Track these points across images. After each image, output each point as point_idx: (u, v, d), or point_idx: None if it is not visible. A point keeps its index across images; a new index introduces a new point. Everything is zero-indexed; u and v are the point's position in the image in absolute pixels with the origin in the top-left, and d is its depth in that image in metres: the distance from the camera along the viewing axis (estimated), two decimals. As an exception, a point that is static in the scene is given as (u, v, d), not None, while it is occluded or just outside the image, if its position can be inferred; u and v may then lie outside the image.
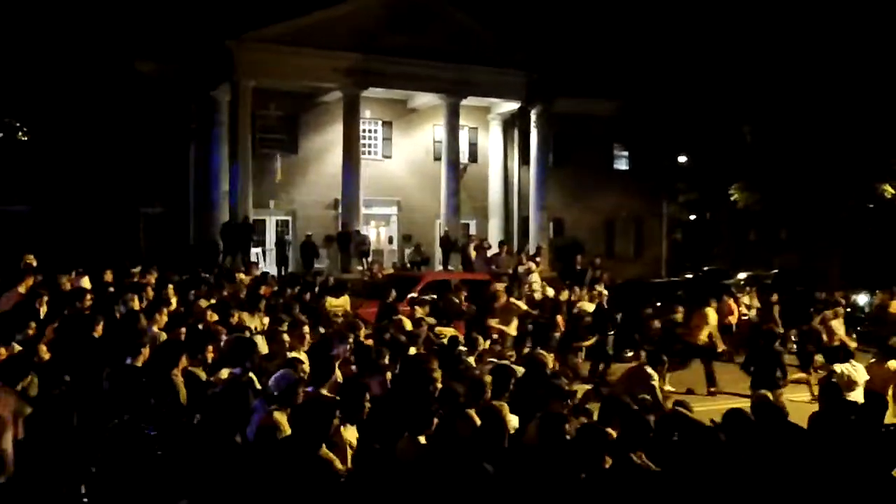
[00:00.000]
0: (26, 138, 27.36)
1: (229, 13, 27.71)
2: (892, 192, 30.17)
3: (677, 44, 33.67)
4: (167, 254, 24.36)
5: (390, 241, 32.66)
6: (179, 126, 28.48)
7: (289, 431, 6.24)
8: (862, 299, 25.60)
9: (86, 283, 14.67)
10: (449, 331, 12.27)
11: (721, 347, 17.63)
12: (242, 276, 18.39)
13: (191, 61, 28.10)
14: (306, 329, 9.99)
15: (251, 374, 7.92)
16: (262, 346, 9.63)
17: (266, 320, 12.11)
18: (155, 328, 10.17)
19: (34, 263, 14.94)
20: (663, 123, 34.37)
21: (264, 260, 29.16)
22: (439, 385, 7.52)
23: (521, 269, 23.01)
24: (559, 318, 17.87)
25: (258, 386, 7.46)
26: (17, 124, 27.24)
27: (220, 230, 27.07)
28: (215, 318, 11.33)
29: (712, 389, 16.11)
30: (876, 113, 27.97)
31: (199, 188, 29.52)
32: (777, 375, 12.69)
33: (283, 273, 26.46)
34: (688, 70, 33.15)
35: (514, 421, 6.84)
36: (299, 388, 6.96)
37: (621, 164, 37.49)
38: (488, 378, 7.67)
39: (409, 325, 11.67)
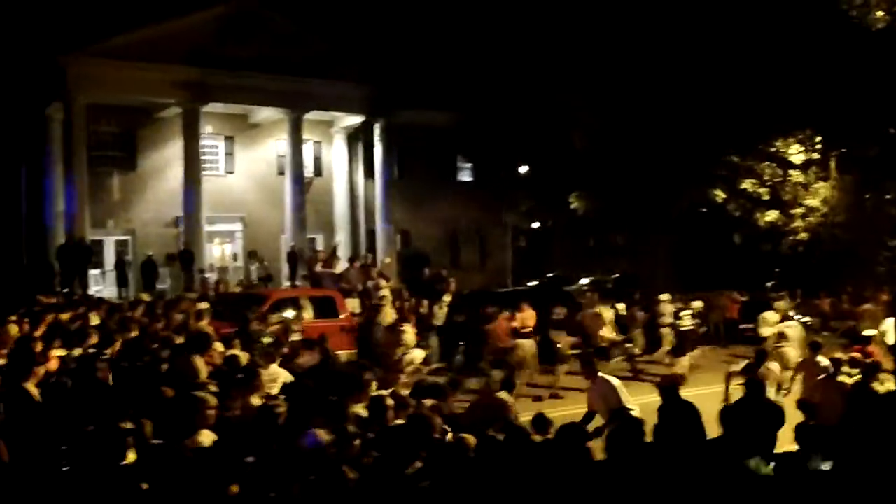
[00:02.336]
0: None
1: (60, 27, 26.81)
2: (723, 196, 31.74)
3: (514, 54, 34.47)
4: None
5: (235, 258, 32.17)
6: (10, 144, 27.26)
7: None
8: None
9: None
10: None
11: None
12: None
13: (21, 77, 26.99)
14: None
15: None
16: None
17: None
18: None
19: None
20: (502, 134, 35.13)
21: (104, 281, 28.23)
22: None
23: (370, 283, 23.14)
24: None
25: None
26: None
27: (55, 252, 26.04)
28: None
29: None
30: (704, 118, 29.33)
31: (31, 209, 28.29)
32: None
33: (122, 295, 25.72)
34: (523, 80, 33.98)
35: None
36: None
37: (464, 175, 38.19)
38: None
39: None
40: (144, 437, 6.35)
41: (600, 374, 10.17)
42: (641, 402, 10.00)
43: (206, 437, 6.59)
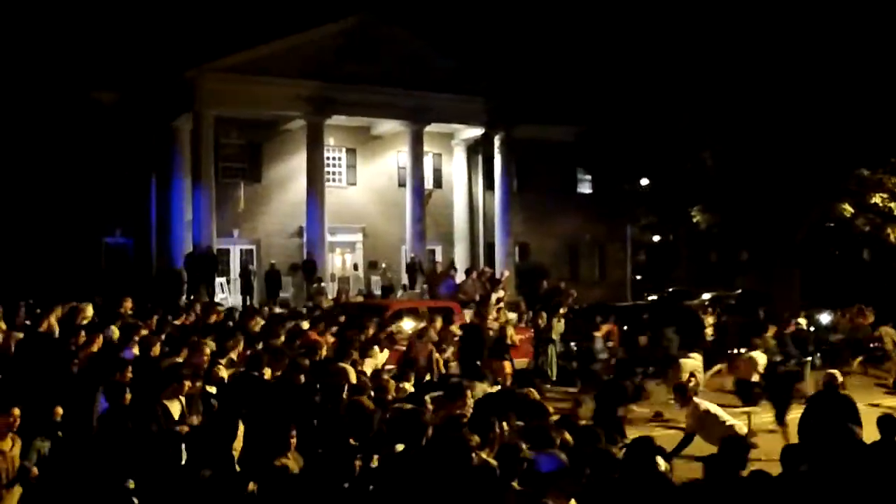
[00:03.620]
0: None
1: (188, 43, 27.70)
2: (851, 210, 30.53)
3: (637, 69, 33.97)
4: (130, 284, 24.13)
5: (355, 267, 32.58)
6: (140, 156, 28.33)
7: None
8: (824, 318, 25.92)
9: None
10: None
11: None
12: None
13: (150, 91, 28.08)
14: None
15: None
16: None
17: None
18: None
19: None
20: (624, 147, 34.58)
21: (229, 289, 28.97)
22: None
23: (493, 296, 23.02)
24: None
25: None
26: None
27: (183, 260, 26.87)
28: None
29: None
30: (833, 131, 28.34)
31: (161, 218, 29.34)
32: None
33: (247, 303, 26.31)
34: (647, 94, 33.45)
35: None
36: None
37: (584, 188, 37.71)
38: None
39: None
40: None
41: (693, 398, 10.55)
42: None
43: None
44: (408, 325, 17.68)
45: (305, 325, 15.45)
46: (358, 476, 6.08)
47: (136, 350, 10.54)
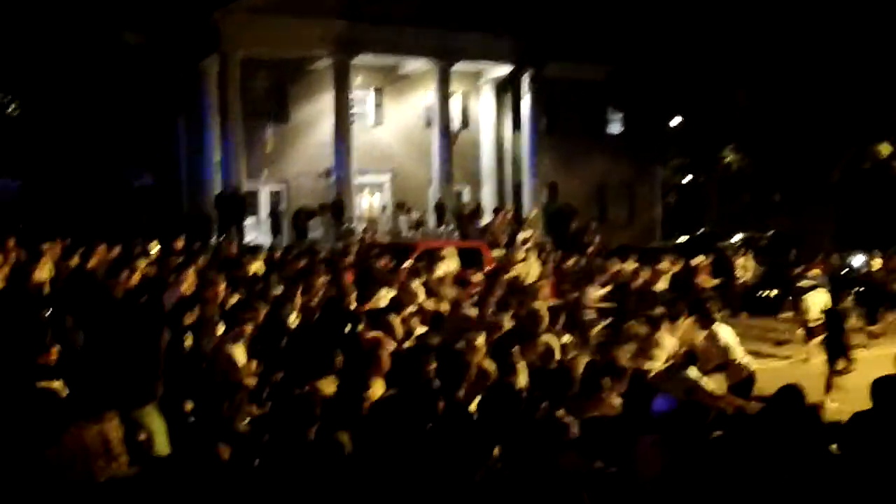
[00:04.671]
0: (17, 112, 27.16)
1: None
2: (890, 149, 30.01)
3: (669, 6, 33.42)
4: (160, 226, 24.25)
5: (383, 209, 32.54)
6: (167, 98, 28.26)
7: None
8: (857, 261, 25.60)
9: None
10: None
11: None
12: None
13: (177, 32, 27.86)
14: None
15: None
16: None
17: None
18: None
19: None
20: (655, 87, 34.19)
21: (258, 230, 29.06)
22: None
23: (519, 237, 22.92)
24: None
25: None
26: (8, 98, 27.04)
27: (213, 202, 26.93)
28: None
29: None
30: (870, 73, 27.77)
31: (189, 160, 29.37)
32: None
33: (276, 243, 26.36)
34: (680, 33, 32.93)
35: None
36: None
37: (614, 129, 37.23)
38: None
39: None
40: None
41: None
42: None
43: None
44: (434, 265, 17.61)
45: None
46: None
47: (183, 289, 10.40)
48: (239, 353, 7.98)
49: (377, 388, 6.58)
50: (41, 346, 7.11)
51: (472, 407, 6.22)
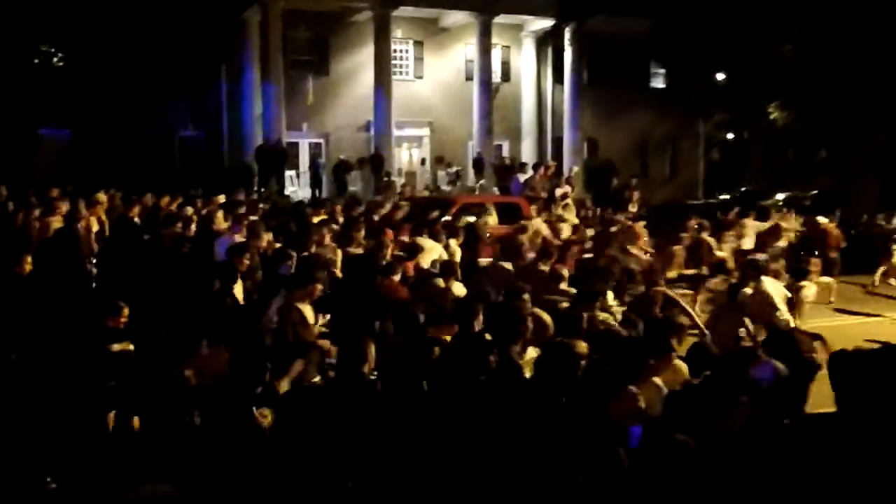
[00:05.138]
0: (62, 64, 27.37)
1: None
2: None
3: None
4: (202, 177, 24.46)
5: (423, 162, 32.54)
6: (210, 49, 28.30)
7: None
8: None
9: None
10: None
11: None
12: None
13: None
14: None
15: None
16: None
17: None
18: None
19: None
20: (699, 41, 33.62)
21: (298, 183, 29.22)
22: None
23: (557, 192, 22.77)
24: None
25: None
26: (52, 50, 27.24)
27: (254, 153, 27.09)
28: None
29: None
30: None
31: (231, 111, 29.50)
32: None
33: (317, 195, 26.52)
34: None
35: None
36: None
37: (657, 83, 36.78)
38: None
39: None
40: None
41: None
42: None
43: None
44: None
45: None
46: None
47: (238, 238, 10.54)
48: (308, 311, 7.81)
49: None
50: (112, 308, 7.22)
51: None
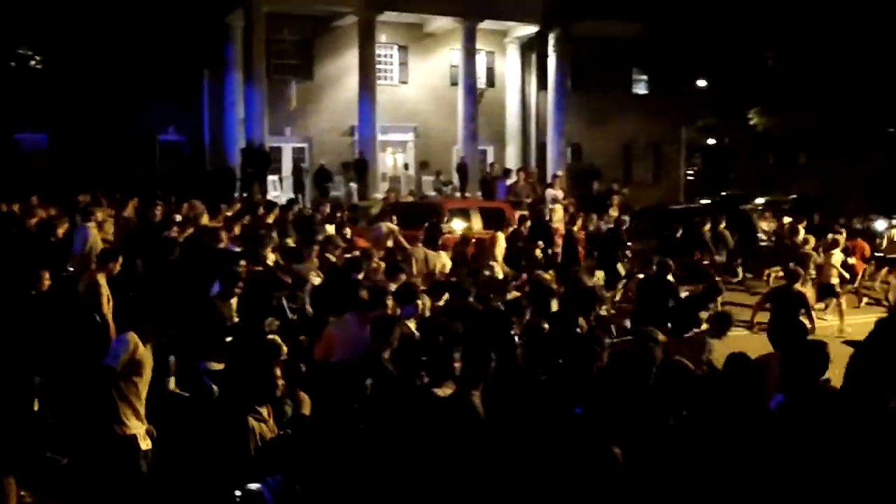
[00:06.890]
0: (40, 66, 27.19)
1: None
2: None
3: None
4: (184, 181, 24.37)
5: (406, 167, 32.51)
6: (192, 52, 28.18)
7: None
8: (879, 225, 25.35)
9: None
10: None
11: None
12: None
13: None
14: None
15: None
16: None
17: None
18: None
19: None
20: (683, 47, 33.78)
21: (281, 187, 29.12)
22: None
23: (548, 194, 22.87)
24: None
25: None
26: (30, 53, 27.06)
27: (240, 153, 26.96)
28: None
29: None
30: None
31: (214, 115, 29.40)
32: None
33: (298, 200, 26.40)
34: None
35: None
36: None
37: (640, 89, 36.88)
38: None
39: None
40: None
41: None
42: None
43: None
44: (459, 225, 17.61)
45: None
46: None
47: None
48: None
49: None
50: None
51: None
